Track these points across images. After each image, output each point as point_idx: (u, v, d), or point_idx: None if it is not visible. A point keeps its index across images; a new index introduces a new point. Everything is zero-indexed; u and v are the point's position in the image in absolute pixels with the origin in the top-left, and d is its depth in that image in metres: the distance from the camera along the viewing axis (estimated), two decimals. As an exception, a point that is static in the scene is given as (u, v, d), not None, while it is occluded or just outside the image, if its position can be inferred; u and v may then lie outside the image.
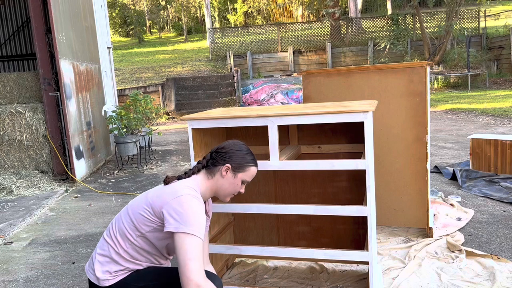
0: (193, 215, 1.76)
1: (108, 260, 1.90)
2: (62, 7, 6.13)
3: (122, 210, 2.00)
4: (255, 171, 2.07)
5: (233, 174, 1.99)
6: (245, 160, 2.01)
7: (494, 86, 15.57)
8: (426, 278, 2.72)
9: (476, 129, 8.22)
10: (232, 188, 2.02)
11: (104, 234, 1.99)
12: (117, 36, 33.49)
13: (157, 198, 1.86)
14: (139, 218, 1.87)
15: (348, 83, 3.42)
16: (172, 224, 1.75)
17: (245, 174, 2.02)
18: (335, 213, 2.29)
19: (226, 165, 1.98)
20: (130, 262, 1.91)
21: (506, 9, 22.37)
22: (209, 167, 2.01)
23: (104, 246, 1.93)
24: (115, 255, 1.90)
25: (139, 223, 1.87)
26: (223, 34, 19.92)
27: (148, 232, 1.87)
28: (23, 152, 6.10)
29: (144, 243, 1.90)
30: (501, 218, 3.70)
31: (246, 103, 14.79)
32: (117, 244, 1.90)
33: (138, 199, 1.95)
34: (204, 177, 2.00)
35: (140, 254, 1.91)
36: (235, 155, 2.00)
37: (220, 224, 2.92)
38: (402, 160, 3.36)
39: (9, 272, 3.34)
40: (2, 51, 10.28)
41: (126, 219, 1.91)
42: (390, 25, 19.07)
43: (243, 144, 2.07)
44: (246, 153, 2.03)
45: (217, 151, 2.03)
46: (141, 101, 7.08)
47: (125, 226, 1.90)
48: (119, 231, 1.91)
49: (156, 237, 1.87)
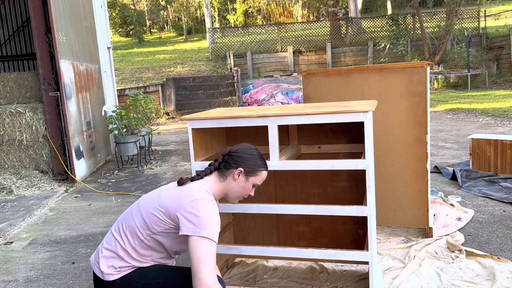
0: (209, 219, 1.78)
1: (114, 256, 1.90)
2: (62, 7, 6.13)
3: (132, 206, 2.00)
4: (266, 175, 2.10)
5: (245, 178, 2.02)
6: (257, 165, 2.04)
7: (494, 86, 15.57)
8: (426, 278, 2.72)
9: (476, 129, 8.22)
10: (243, 191, 2.05)
11: (112, 229, 1.98)
12: (117, 36, 33.48)
13: (172, 200, 1.86)
14: (151, 218, 1.87)
15: (348, 83, 3.42)
16: (189, 227, 1.77)
17: (257, 178, 2.05)
18: (335, 213, 2.29)
19: (239, 169, 2.00)
20: (136, 260, 1.91)
21: (506, 9, 22.36)
22: (222, 170, 2.03)
23: (112, 241, 1.93)
24: (121, 251, 1.90)
25: (151, 223, 1.87)
26: (223, 34, 19.92)
27: (160, 232, 1.87)
28: (23, 152, 6.10)
29: (153, 243, 1.90)
30: (501, 218, 3.70)
31: (246, 103, 14.79)
32: (125, 241, 1.90)
33: (150, 197, 1.95)
34: (216, 179, 2.02)
35: (147, 252, 1.91)
36: (247, 159, 2.02)
37: (220, 224, 2.91)
38: (402, 160, 3.36)
39: (9, 272, 3.34)
40: (2, 51, 10.28)
41: (138, 217, 1.91)
42: (390, 25, 19.06)
43: (255, 148, 2.09)
44: (258, 158, 2.06)
45: (229, 154, 2.04)
46: (141, 101, 7.08)
47: (136, 224, 1.90)
48: (129, 227, 1.91)
49: (167, 238, 1.88)
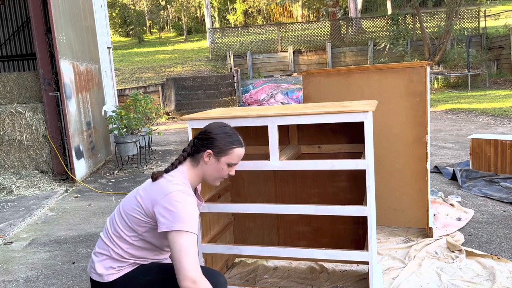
0: (184, 212, 1.73)
1: (110, 258, 1.90)
2: (62, 7, 6.13)
3: (115, 210, 1.97)
4: (241, 151, 1.96)
5: (216, 159, 1.91)
6: (225, 144, 1.91)
7: (494, 86, 15.56)
8: (426, 278, 2.72)
9: (476, 129, 8.22)
10: (218, 173, 1.94)
11: (101, 235, 1.97)
12: (117, 36, 33.48)
13: (147, 197, 1.83)
14: (132, 219, 1.85)
15: (348, 83, 3.42)
16: (165, 223, 1.74)
17: (229, 158, 1.93)
18: (335, 213, 2.29)
19: (207, 151, 1.90)
20: (132, 261, 1.91)
21: (506, 9, 22.36)
22: (193, 155, 1.93)
23: (104, 246, 1.92)
24: (116, 255, 1.89)
25: (134, 225, 1.85)
26: (223, 34, 19.92)
27: (145, 232, 1.86)
28: (23, 152, 6.09)
29: (143, 243, 1.89)
30: (501, 218, 3.70)
31: (246, 103, 14.78)
32: (116, 246, 1.89)
33: (128, 199, 1.92)
34: (190, 166, 1.93)
35: (141, 252, 1.91)
36: (215, 140, 1.90)
37: (220, 224, 2.92)
38: (402, 160, 3.36)
39: (9, 272, 3.34)
40: (2, 51, 10.28)
41: (120, 221, 1.89)
42: (390, 25, 19.06)
43: (224, 126, 1.96)
44: (226, 136, 1.92)
45: (198, 137, 1.95)
46: (141, 101, 7.08)
47: (121, 228, 1.88)
48: (115, 233, 1.89)
49: (153, 236, 1.87)
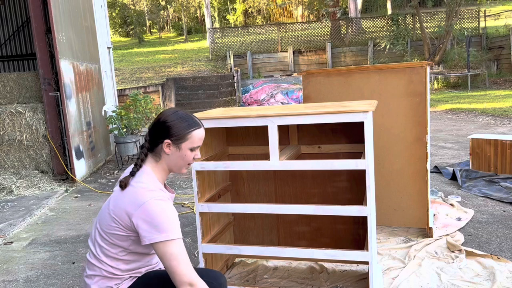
0: (163, 220, 1.68)
1: (104, 279, 1.83)
2: (62, 7, 6.13)
3: (92, 230, 1.88)
4: (201, 133, 1.86)
5: (176, 147, 1.82)
6: (183, 128, 1.81)
7: (494, 86, 15.56)
8: (426, 278, 2.72)
9: (476, 129, 8.22)
10: (182, 161, 1.85)
11: (87, 257, 1.88)
12: (117, 36, 33.48)
13: (121, 211, 1.75)
14: (113, 236, 1.78)
15: (348, 83, 3.42)
16: (146, 236, 1.69)
17: (190, 142, 1.83)
18: (335, 213, 2.29)
19: (166, 142, 1.80)
20: (127, 275, 1.86)
21: (506, 9, 22.35)
22: (152, 149, 1.84)
23: (94, 267, 1.84)
24: (108, 274, 1.82)
25: (117, 241, 1.78)
26: (223, 34, 19.91)
27: (130, 246, 1.80)
28: (23, 152, 6.09)
29: (131, 256, 1.83)
30: (501, 218, 3.70)
31: (246, 103, 14.78)
32: (105, 265, 1.82)
33: (103, 217, 1.83)
34: (153, 162, 1.84)
35: (132, 265, 1.85)
36: (171, 127, 1.81)
37: (220, 224, 2.92)
38: (402, 160, 3.36)
39: (9, 272, 3.34)
40: (2, 51, 10.28)
41: (102, 240, 1.81)
42: (390, 25, 19.06)
43: (176, 111, 1.86)
44: (182, 120, 1.83)
45: (152, 129, 1.85)
46: (141, 101, 7.08)
47: (105, 248, 1.80)
48: (101, 252, 1.82)
49: (139, 246, 1.81)
